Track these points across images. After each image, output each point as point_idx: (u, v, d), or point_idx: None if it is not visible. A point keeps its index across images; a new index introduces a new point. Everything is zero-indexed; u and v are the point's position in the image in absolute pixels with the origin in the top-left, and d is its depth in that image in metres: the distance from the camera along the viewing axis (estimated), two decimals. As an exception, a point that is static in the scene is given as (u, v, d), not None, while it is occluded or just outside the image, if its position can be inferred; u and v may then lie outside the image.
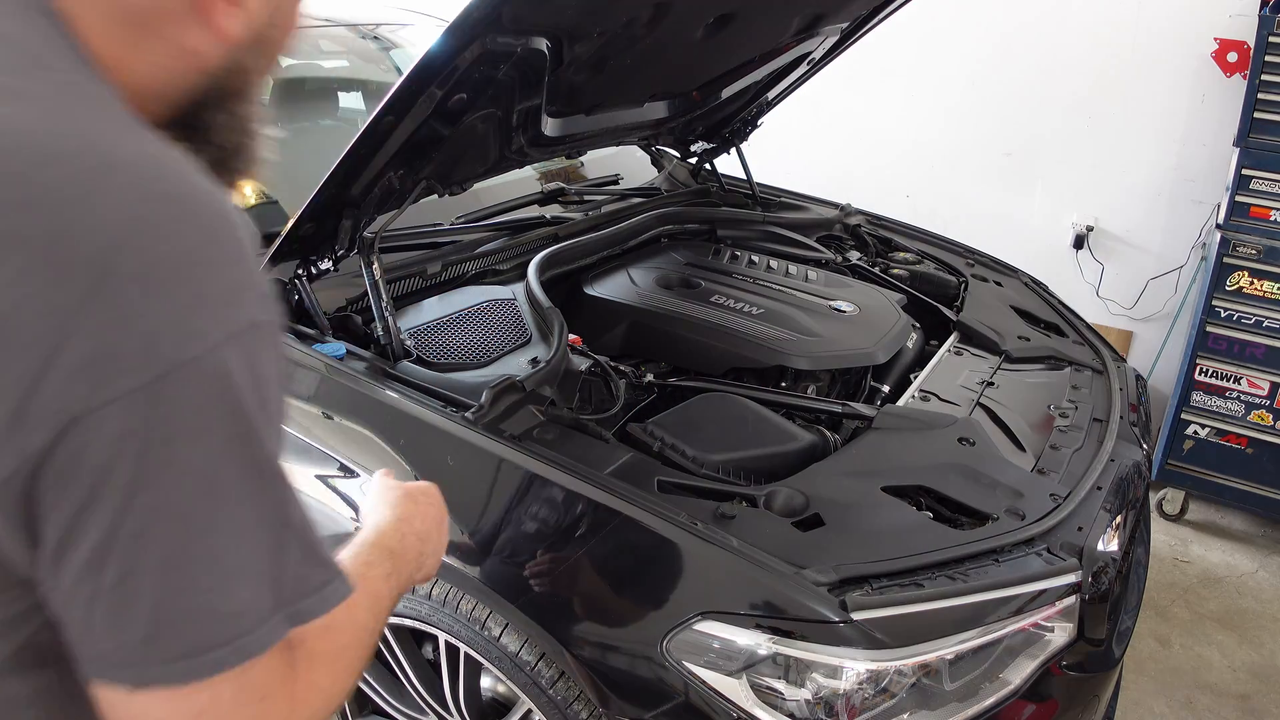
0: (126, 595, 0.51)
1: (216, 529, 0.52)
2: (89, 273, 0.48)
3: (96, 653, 0.52)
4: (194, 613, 0.52)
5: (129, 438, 0.48)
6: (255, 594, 0.54)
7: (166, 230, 0.50)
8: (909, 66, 3.74)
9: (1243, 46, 3.08)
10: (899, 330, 1.94)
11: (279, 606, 0.56)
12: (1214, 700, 2.40)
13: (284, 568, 0.56)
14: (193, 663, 0.53)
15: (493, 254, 1.96)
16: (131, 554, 0.50)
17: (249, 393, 0.53)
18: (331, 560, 0.61)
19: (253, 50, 0.66)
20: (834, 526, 1.29)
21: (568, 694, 1.30)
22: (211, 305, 0.51)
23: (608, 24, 1.61)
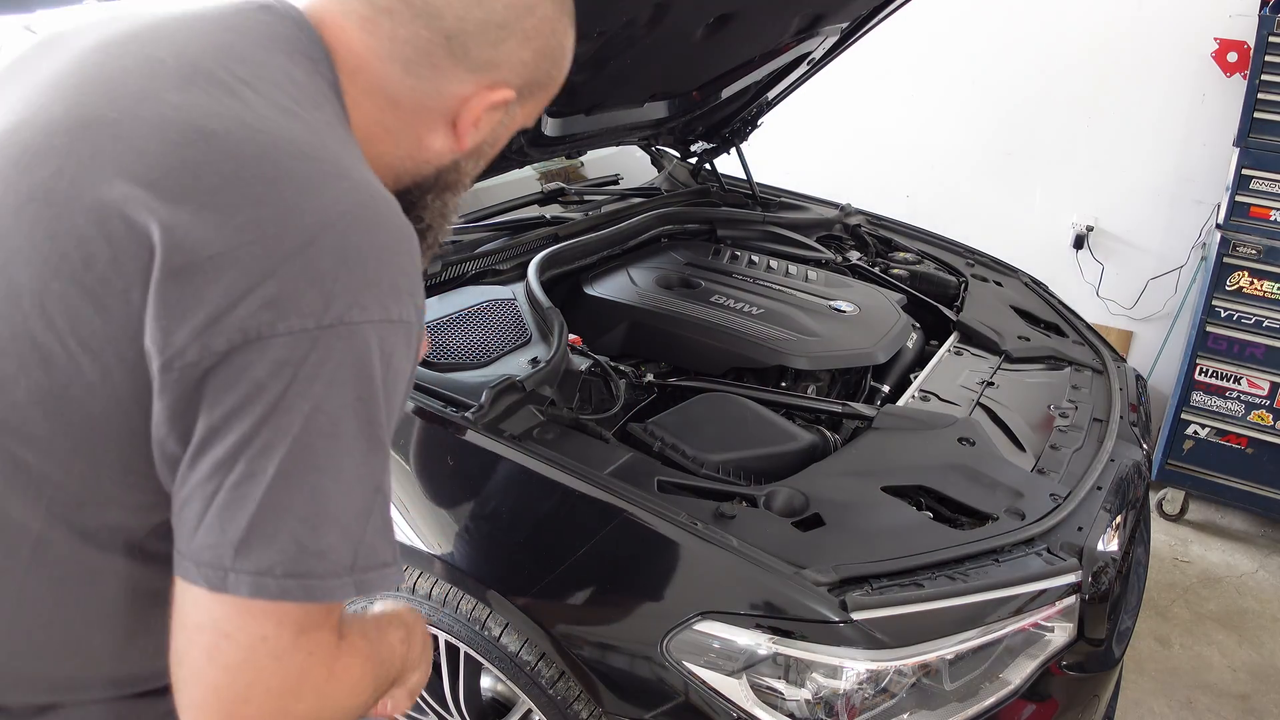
0: (241, 496, 0.61)
1: (326, 468, 0.62)
2: (301, 237, 0.62)
3: (195, 548, 0.62)
4: (285, 537, 0.61)
5: (286, 365, 0.61)
6: (339, 544, 0.63)
7: (366, 229, 0.65)
8: (909, 66, 3.74)
9: (1243, 46, 3.08)
10: (899, 330, 1.94)
11: (353, 569, 0.64)
12: (1214, 700, 2.40)
13: (365, 532, 0.65)
14: (266, 581, 0.61)
15: (493, 254, 1.96)
16: (257, 461, 0.61)
17: (381, 369, 0.65)
18: (396, 552, 0.68)
19: (471, 158, 0.86)
20: (834, 526, 1.29)
21: (568, 694, 1.30)
22: (378, 292, 0.65)
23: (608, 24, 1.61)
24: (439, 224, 0.89)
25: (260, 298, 0.61)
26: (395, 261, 0.67)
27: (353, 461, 0.64)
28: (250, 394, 0.61)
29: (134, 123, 0.65)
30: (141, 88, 0.67)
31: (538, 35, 0.80)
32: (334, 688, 0.68)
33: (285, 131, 0.67)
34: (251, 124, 0.66)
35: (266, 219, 0.62)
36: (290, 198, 0.64)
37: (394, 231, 0.68)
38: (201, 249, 0.61)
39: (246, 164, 0.64)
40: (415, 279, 0.69)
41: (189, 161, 0.63)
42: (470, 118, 0.80)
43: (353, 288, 0.63)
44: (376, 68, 0.76)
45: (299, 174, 0.65)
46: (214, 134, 0.65)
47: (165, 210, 0.62)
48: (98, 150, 0.64)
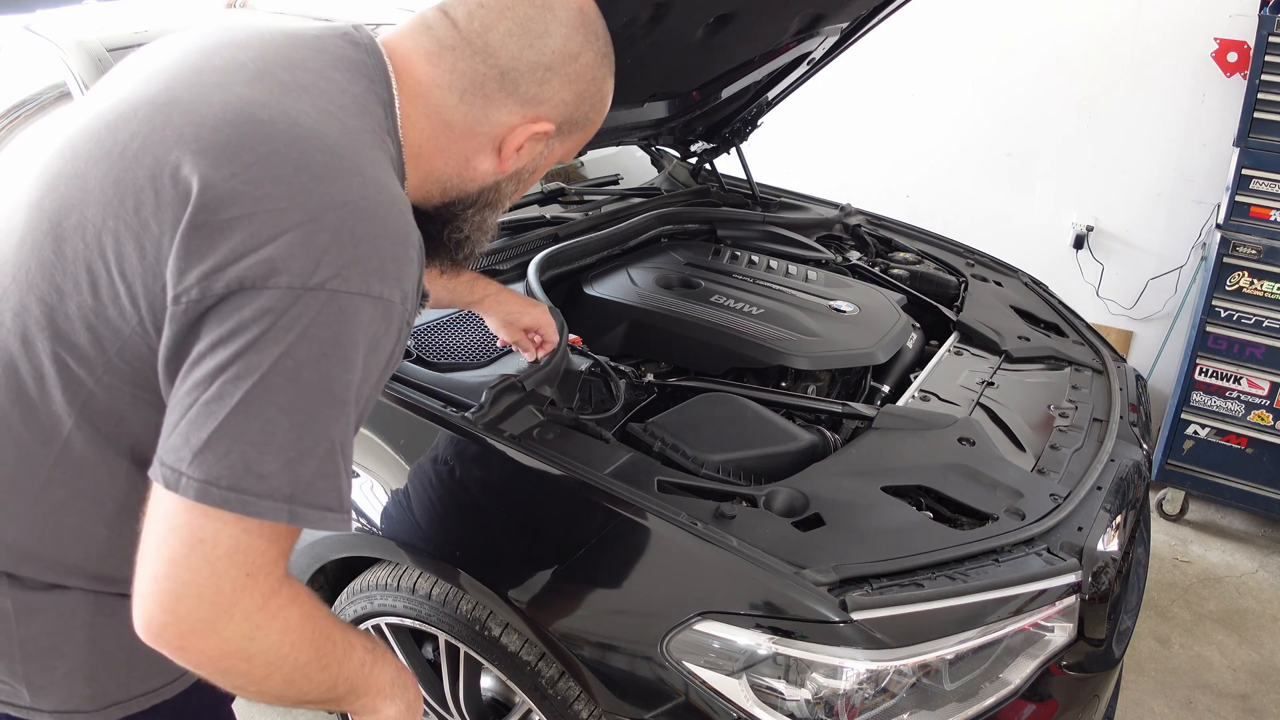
0: (208, 413, 0.71)
1: (283, 405, 0.72)
2: (307, 213, 0.73)
3: (164, 449, 0.73)
4: (235, 455, 0.71)
5: (269, 313, 0.71)
6: (279, 472, 0.72)
7: (365, 217, 0.76)
8: (909, 66, 3.74)
9: (1243, 46, 3.08)
10: (899, 330, 1.94)
11: (290, 499, 0.72)
12: (1214, 700, 2.40)
13: (308, 471, 0.73)
14: (210, 488, 0.70)
15: (493, 254, 1.96)
16: (227, 386, 0.71)
17: (353, 336, 0.74)
18: (344, 502, 0.77)
19: (512, 181, 0.98)
20: (834, 526, 1.29)
21: (568, 694, 1.30)
22: (363, 270, 0.74)
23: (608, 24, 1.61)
24: (477, 236, 1.01)
25: (260, 256, 0.72)
26: (386, 249, 0.77)
27: (308, 406, 0.73)
28: (235, 330, 0.72)
29: (203, 105, 0.78)
30: (219, 80, 0.81)
31: (579, 80, 0.93)
32: (267, 621, 0.75)
33: (320, 128, 0.78)
34: (294, 118, 0.78)
35: (282, 195, 0.74)
36: (306, 181, 0.75)
37: (391, 225, 0.78)
38: (224, 209, 0.73)
39: (279, 148, 0.76)
40: (405, 268, 0.78)
41: (234, 139, 0.76)
42: (514, 144, 0.92)
43: (340, 261, 0.73)
44: (436, 95, 0.89)
45: (319, 164, 0.76)
46: (261, 121, 0.77)
47: (207, 171, 0.74)
48: (168, 121, 0.78)
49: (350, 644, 0.86)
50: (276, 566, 0.76)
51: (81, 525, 0.86)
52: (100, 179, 0.78)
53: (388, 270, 0.76)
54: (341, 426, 0.76)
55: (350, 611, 1.51)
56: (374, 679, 0.89)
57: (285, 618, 0.77)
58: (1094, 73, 3.39)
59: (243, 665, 0.76)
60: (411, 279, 0.80)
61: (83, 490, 0.85)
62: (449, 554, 1.35)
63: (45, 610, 0.88)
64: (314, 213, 0.74)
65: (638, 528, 1.24)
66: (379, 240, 0.76)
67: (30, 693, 0.90)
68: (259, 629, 0.75)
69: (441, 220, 0.98)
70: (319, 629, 0.81)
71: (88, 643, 0.90)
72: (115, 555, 0.88)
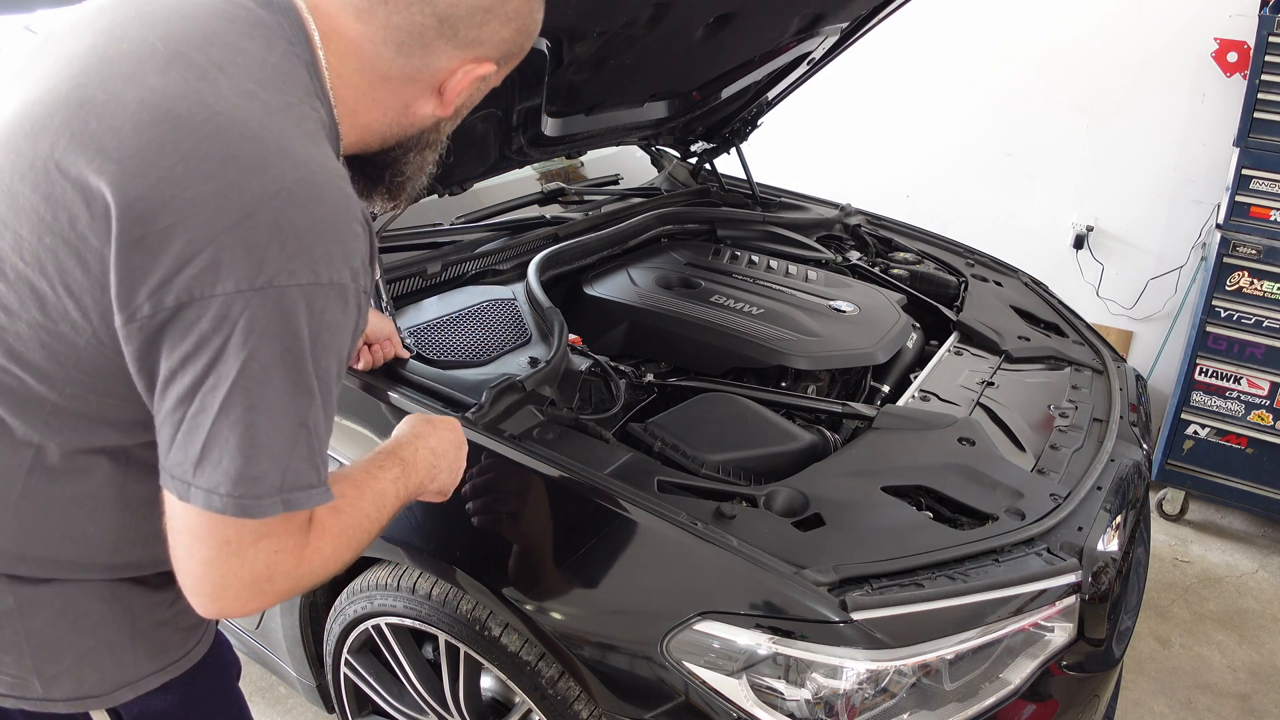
0: (196, 426, 0.74)
1: (259, 408, 0.73)
2: (240, 211, 0.72)
3: (169, 464, 0.76)
4: (227, 462, 0.74)
5: (224, 321, 0.71)
6: (269, 470, 0.75)
7: (300, 205, 0.74)
8: (909, 66, 3.74)
9: (1243, 46, 3.08)
10: (899, 330, 1.94)
11: (281, 489, 0.76)
12: (1214, 700, 2.40)
13: (292, 459, 0.76)
14: (213, 497, 0.74)
15: (493, 254, 1.96)
16: (206, 398, 0.73)
17: (310, 325, 0.74)
18: (322, 475, 0.80)
19: (451, 119, 0.97)
20: (834, 526, 1.29)
21: (568, 694, 1.29)
22: (308, 259, 0.73)
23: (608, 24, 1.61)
24: (417, 176, 1.00)
25: (202, 263, 0.71)
26: (328, 231, 0.76)
27: (282, 402, 0.75)
28: (197, 345, 0.73)
29: (119, 106, 0.75)
30: (131, 71, 0.77)
31: (517, 16, 0.90)
32: (305, 568, 0.82)
33: (241, 113, 0.75)
34: (213, 105, 0.75)
35: (211, 194, 0.72)
36: (234, 175, 0.73)
37: (329, 205, 0.76)
38: (158, 219, 0.72)
39: (201, 143, 0.73)
40: (350, 245, 0.77)
41: (155, 141, 0.73)
42: (456, 88, 0.91)
43: (283, 256, 0.72)
44: (369, 50, 0.86)
45: (246, 154, 0.74)
46: (179, 116, 0.74)
47: (133, 181, 0.73)
48: (86, 129, 0.75)
49: (383, 494, 0.94)
50: (300, 532, 0.80)
51: (67, 525, 0.87)
52: (29, 195, 0.77)
53: (333, 253, 0.75)
54: (315, 410, 0.78)
55: (350, 611, 1.51)
56: (415, 484, 1.00)
57: (320, 556, 0.83)
58: (1094, 73, 3.39)
59: (313, 585, 0.85)
60: (359, 253, 0.79)
61: (63, 494, 0.86)
62: (449, 554, 1.35)
63: (48, 602, 0.90)
64: (248, 208, 0.72)
65: (638, 528, 1.23)
66: (319, 225, 0.75)
67: (42, 683, 0.92)
68: (302, 576, 0.82)
69: (382, 164, 0.97)
70: (359, 524, 0.89)
71: (92, 629, 0.92)
72: (106, 547, 0.90)
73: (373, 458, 0.99)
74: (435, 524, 1.38)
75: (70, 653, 0.92)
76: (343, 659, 1.60)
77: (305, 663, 1.70)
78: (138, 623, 0.95)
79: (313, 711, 2.12)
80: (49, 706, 0.93)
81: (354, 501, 0.89)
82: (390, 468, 0.98)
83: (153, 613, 0.97)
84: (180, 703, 1.05)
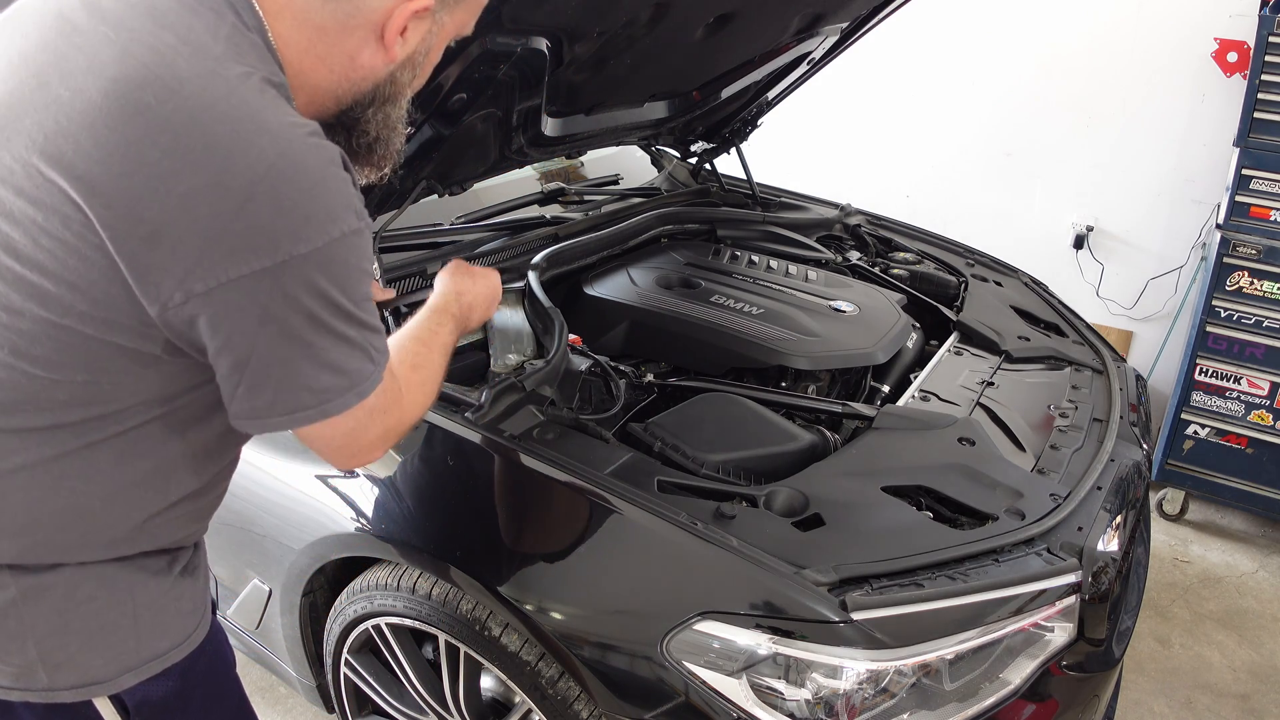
0: (256, 386, 0.83)
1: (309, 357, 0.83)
2: (239, 197, 0.75)
3: (237, 410, 0.86)
4: (300, 394, 0.84)
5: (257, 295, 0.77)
6: (332, 383, 0.85)
7: (291, 176, 0.77)
8: (909, 66, 3.74)
9: (1243, 46, 3.08)
10: (899, 330, 1.94)
11: (350, 387, 0.86)
12: (1214, 700, 2.40)
13: (349, 366, 0.86)
14: (297, 416, 0.85)
15: (493, 254, 1.96)
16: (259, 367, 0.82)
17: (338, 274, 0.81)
18: (378, 361, 0.89)
19: (406, 69, 0.94)
20: (834, 526, 1.29)
21: (568, 694, 1.29)
22: (318, 222, 0.78)
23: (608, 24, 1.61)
24: (385, 134, 0.99)
25: (220, 251, 0.75)
26: (324, 191, 0.79)
27: (332, 337, 0.83)
28: (240, 319, 0.78)
29: (84, 101, 0.76)
30: (88, 64, 0.77)
31: None
32: (411, 413, 1.01)
33: (208, 95, 0.76)
34: (177, 90, 0.76)
35: (204, 186, 0.74)
36: (221, 162, 0.75)
37: (315, 166, 0.79)
38: (156, 217, 0.74)
39: (179, 134, 0.75)
40: (345, 190, 0.81)
41: (131, 138, 0.74)
42: (395, 28, 0.88)
43: (293, 226, 0.77)
44: (299, 3, 0.85)
45: (225, 137, 0.75)
46: (148, 106, 0.75)
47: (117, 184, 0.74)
48: (57, 128, 0.76)
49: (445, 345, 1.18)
50: (391, 395, 0.93)
51: (74, 504, 0.89)
52: (14, 200, 0.77)
53: (334, 206, 0.79)
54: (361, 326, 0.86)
55: (350, 612, 1.51)
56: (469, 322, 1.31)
57: (415, 399, 1.02)
58: (1094, 73, 3.39)
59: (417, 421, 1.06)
60: (352, 194, 0.82)
61: (71, 477, 0.88)
62: (448, 554, 1.35)
63: (50, 589, 0.91)
64: (246, 192, 0.74)
65: (638, 528, 1.24)
66: (315, 187, 0.78)
67: (47, 672, 0.92)
68: (408, 418, 1.01)
69: (345, 128, 0.96)
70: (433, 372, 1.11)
71: (94, 614, 0.94)
72: (112, 526, 0.92)
73: (430, 315, 1.20)
74: (435, 524, 1.38)
75: (74, 639, 0.93)
76: (343, 659, 1.60)
77: (305, 663, 1.70)
78: (138, 607, 0.97)
79: (313, 711, 2.12)
80: (54, 696, 0.94)
81: (426, 356, 1.10)
82: (444, 323, 1.20)
83: (152, 596, 0.98)
84: (181, 687, 1.07)
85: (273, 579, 1.62)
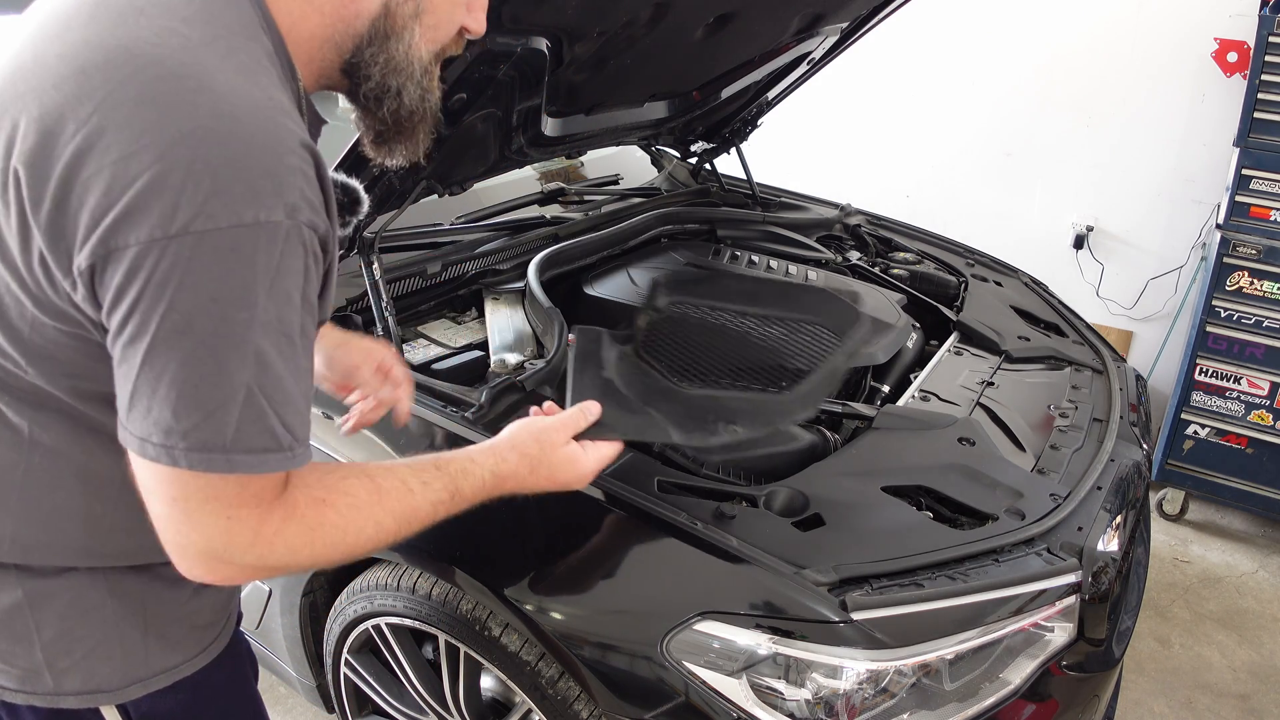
0: (125, 376, 0.72)
1: (185, 361, 0.70)
2: (153, 154, 0.67)
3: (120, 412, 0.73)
4: (155, 412, 0.71)
5: (139, 272, 0.68)
6: (202, 425, 0.71)
7: (217, 141, 0.68)
8: (909, 66, 3.74)
9: (1243, 46, 3.08)
10: (899, 330, 1.94)
11: (225, 448, 0.71)
12: (1214, 700, 2.40)
13: (230, 417, 0.71)
14: (146, 445, 0.72)
15: (493, 254, 1.96)
16: (129, 349, 0.71)
17: (242, 272, 0.69)
18: (280, 440, 0.74)
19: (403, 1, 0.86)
20: (834, 526, 1.29)
21: (568, 694, 1.30)
22: (229, 199, 0.68)
23: (608, 24, 1.61)
24: (392, 79, 0.88)
25: (118, 213, 0.67)
26: (252, 168, 0.69)
27: (211, 356, 0.70)
28: (117, 296, 0.69)
29: (40, 65, 0.73)
30: (57, 31, 0.75)
31: None
32: (265, 550, 0.77)
33: (158, 51, 0.71)
34: (130, 47, 0.71)
35: (128, 139, 0.68)
36: (148, 117, 0.68)
37: (253, 137, 0.70)
38: (77, 174, 0.68)
39: (115, 89, 0.69)
40: (282, 179, 0.71)
41: (71, 95, 0.70)
42: None
43: (200, 198, 0.67)
44: None
45: (162, 92, 0.69)
46: (94, 65, 0.70)
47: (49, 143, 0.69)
48: (13, 91, 0.73)
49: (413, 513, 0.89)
50: (256, 504, 0.76)
51: (74, 505, 0.86)
52: None
53: (259, 189, 0.69)
54: (264, 366, 0.72)
55: (350, 611, 1.51)
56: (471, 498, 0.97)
57: (285, 543, 0.78)
58: (1094, 73, 3.39)
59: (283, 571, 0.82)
60: (295, 187, 0.72)
61: (67, 474, 0.85)
62: (448, 553, 1.35)
63: (58, 594, 0.89)
64: (162, 150, 0.67)
65: (638, 528, 1.23)
66: (240, 160, 0.69)
67: (53, 677, 0.91)
68: (265, 555, 0.78)
69: (354, 81, 0.88)
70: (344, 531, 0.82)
71: (102, 622, 0.91)
72: (118, 528, 0.89)
73: (419, 466, 0.92)
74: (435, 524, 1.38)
75: (81, 646, 0.91)
76: (343, 659, 1.60)
77: (305, 663, 1.70)
78: (150, 617, 0.94)
79: (313, 711, 2.12)
80: (59, 701, 0.92)
81: (360, 504, 0.84)
82: (438, 490, 0.92)
83: (165, 607, 0.96)
84: (191, 702, 1.04)
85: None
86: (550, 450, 1.05)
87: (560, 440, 1.06)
